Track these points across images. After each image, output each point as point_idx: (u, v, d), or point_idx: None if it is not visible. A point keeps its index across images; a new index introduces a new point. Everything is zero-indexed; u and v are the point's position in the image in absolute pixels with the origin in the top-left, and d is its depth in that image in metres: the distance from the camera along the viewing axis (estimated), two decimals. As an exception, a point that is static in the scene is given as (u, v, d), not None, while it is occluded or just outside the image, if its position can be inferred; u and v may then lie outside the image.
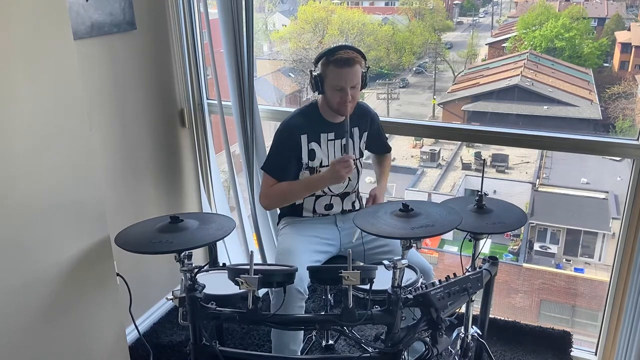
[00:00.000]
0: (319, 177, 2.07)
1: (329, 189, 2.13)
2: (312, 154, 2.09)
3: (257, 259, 2.80)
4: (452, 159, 8.00)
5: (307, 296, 1.91)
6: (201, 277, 1.68)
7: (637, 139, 2.12)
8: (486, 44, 8.30)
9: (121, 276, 1.83)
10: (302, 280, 1.88)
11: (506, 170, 7.54)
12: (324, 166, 2.11)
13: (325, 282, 1.89)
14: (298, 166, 2.09)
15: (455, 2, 8.76)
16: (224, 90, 2.55)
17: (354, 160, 2.12)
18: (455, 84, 7.75)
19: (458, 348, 1.96)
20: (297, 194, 2.10)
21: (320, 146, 2.09)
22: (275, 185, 2.07)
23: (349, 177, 2.13)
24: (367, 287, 1.56)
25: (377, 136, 2.27)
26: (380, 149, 2.35)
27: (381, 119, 2.32)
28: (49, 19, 1.48)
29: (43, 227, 1.54)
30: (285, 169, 2.08)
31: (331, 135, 2.10)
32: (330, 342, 2.29)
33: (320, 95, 2.06)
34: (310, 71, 2.03)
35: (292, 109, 2.19)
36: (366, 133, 2.19)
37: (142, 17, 2.36)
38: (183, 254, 1.58)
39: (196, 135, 2.77)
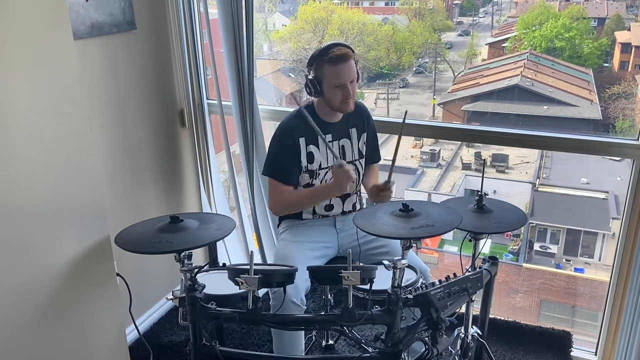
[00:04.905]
0: (324, 188, 2.07)
1: None
2: (310, 157, 2.08)
3: (257, 259, 2.80)
4: (452, 159, 7.98)
5: (305, 307, 1.89)
6: (201, 277, 1.68)
7: (637, 139, 2.12)
8: (486, 44, 8.28)
9: (121, 276, 1.83)
10: (299, 291, 1.87)
11: (506, 170, 7.53)
12: (322, 168, 2.10)
13: (325, 282, 1.89)
14: (299, 168, 2.08)
15: (455, 2, 8.75)
16: (224, 90, 2.55)
17: (354, 167, 2.11)
18: (455, 84, 7.74)
19: (458, 348, 1.96)
20: (305, 205, 2.12)
21: (318, 149, 2.08)
22: (285, 193, 2.07)
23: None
24: (367, 287, 1.56)
25: (371, 139, 2.23)
26: (372, 156, 2.25)
27: (381, 119, 2.30)
28: (49, 19, 1.48)
29: (43, 227, 1.54)
30: (290, 172, 2.06)
31: (329, 137, 2.08)
32: (330, 342, 2.29)
33: (317, 98, 2.05)
34: (306, 75, 2.02)
35: (292, 109, 2.18)
36: (365, 134, 2.18)
37: (142, 17, 2.36)
38: (183, 254, 1.58)
39: (196, 135, 2.77)
